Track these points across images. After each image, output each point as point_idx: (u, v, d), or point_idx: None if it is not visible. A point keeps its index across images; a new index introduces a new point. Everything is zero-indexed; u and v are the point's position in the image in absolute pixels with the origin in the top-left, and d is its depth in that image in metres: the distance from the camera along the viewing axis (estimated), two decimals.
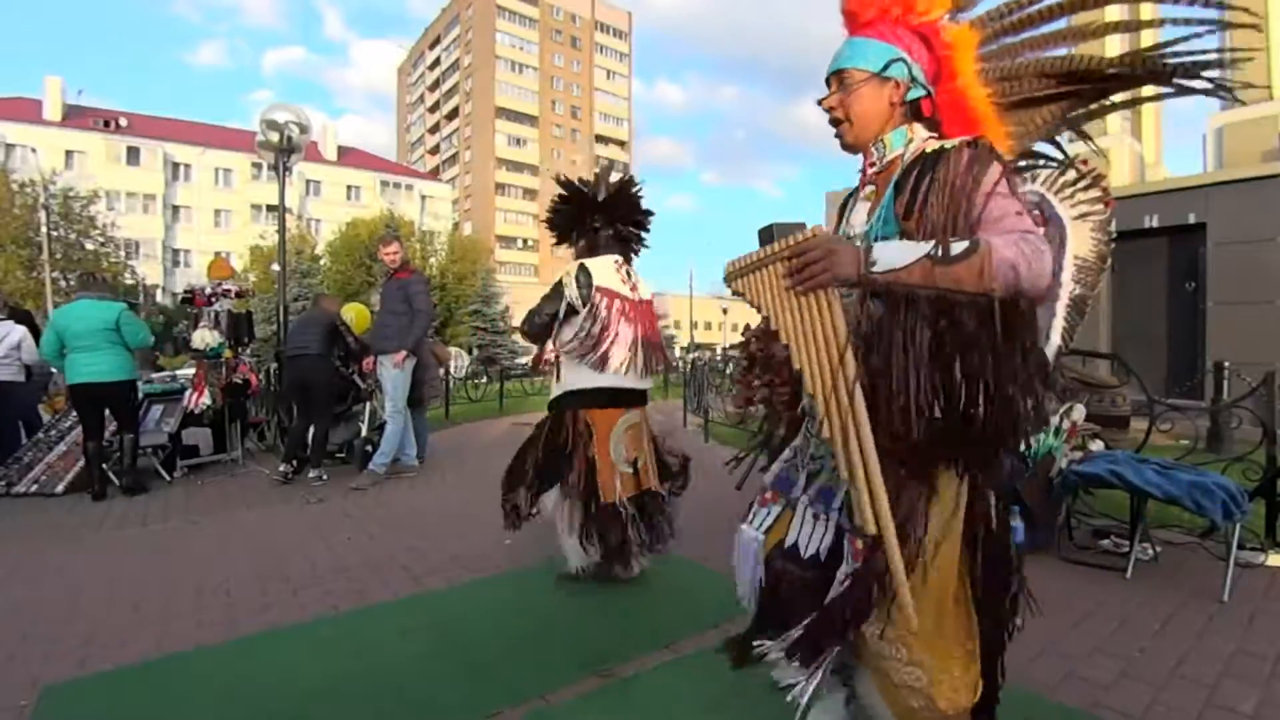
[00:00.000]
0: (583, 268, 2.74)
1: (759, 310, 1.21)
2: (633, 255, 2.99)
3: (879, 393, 1.13)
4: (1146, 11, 1.35)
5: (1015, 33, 1.32)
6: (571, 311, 2.72)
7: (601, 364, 2.68)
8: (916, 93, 1.28)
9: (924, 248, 1.07)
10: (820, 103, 1.33)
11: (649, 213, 3.01)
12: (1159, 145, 10.41)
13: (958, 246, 1.05)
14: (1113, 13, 1.31)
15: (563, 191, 2.93)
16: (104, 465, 4.73)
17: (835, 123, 1.33)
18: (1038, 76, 1.30)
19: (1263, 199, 6.69)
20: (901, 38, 1.27)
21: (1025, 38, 1.32)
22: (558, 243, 3.02)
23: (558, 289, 2.75)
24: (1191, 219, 7.16)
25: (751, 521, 1.43)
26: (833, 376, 1.10)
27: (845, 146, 1.35)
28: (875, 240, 1.21)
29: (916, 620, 1.12)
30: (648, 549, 2.82)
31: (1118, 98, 1.36)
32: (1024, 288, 1.05)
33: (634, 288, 2.87)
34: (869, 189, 1.34)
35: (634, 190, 2.95)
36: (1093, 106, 1.35)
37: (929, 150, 1.23)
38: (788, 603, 1.31)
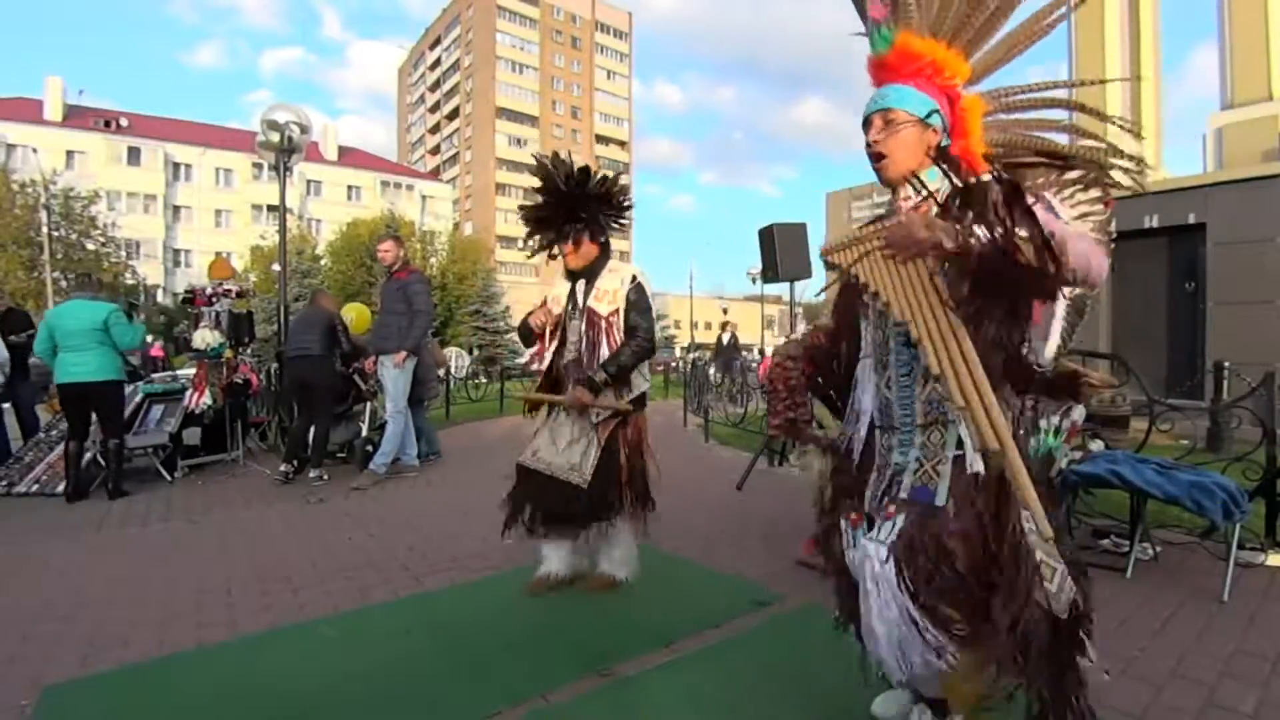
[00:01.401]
0: (643, 275, 2.74)
1: (857, 278, 1.35)
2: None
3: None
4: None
5: (1011, 111, 1.55)
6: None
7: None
8: (945, 141, 1.47)
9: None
10: (868, 140, 1.49)
11: (622, 198, 2.80)
12: (1159, 145, 10.40)
13: (1034, 226, 1.15)
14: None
15: (560, 183, 2.66)
16: (81, 467, 4.68)
17: (877, 157, 1.48)
18: (1023, 149, 1.54)
19: (1262, 199, 6.68)
20: (935, 94, 1.47)
21: (1014, 118, 1.55)
22: (546, 235, 2.76)
23: (644, 298, 2.69)
24: (1191, 219, 7.15)
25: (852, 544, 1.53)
26: (937, 320, 1.23)
27: (884, 181, 1.51)
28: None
29: (1047, 525, 1.20)
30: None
31: (1075, 174, 1.60)
32: (1087, 276, 1.23)
33: None
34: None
35: (613, 184, 2.76)
36: (1062, 177, 1.59)
37: (963, 183, 1.39)
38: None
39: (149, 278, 32.78)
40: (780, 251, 5.77)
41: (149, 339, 8.72)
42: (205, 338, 5.71)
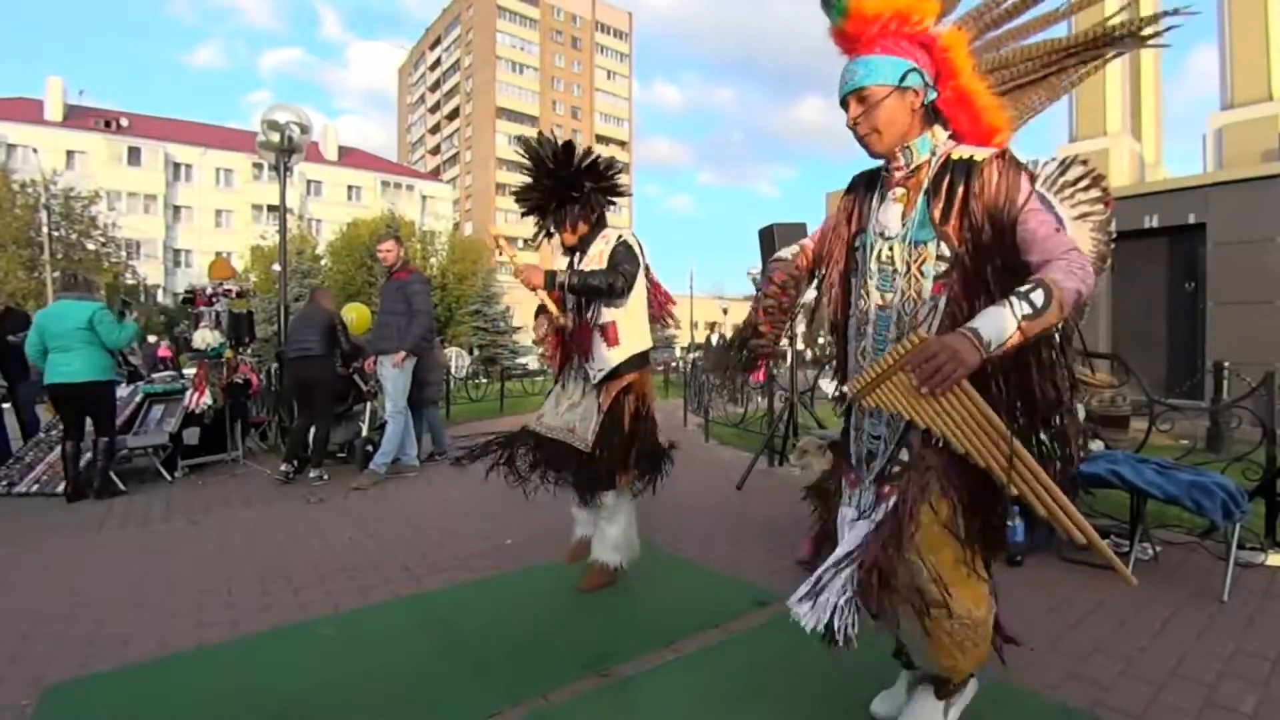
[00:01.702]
0: (632, 236, 2.74)
1: (899, 414, 1.33)
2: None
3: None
4: None
5: (996, 26, 1.45)
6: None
7: (660, 322, 2.93)
8: (930, 95, 1.40)
9: (1012, 311, 1.20)
10: (849, 122, 1.44)
11: (610, 170, 2.79)
12: (1159, 145, 10.40)
13: (1038, 297, 1.19)
14: None
15: (548, 160, 2.68)
16: (79, 467, 4.68)
17: (862, 138, 1.44)
18: (1023, 62, 1.43)
19: (1262, 199, 6.68)
20: (906, 49, 1.39)
21: (1005, 30, 1.45)
22: (541, 214, 2.79)
23: (630, 251, 2.66)
24: (1191, 219, 7.15)
25: (850, 503, 1.57)
26: (999, 447, 1.24)
27: (874, 155, 1.47)
28: (913, 242, 1.40)
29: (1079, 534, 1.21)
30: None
31: (1090, 66, 1.48)
32: (1083, 304, 1.23)
33: None
34: (898, 191, 1.45)
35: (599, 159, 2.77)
36: (1074, 77, 1.47)
37: (956, 157, 1.38)
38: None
39: (149, 278, 32.77)
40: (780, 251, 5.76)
41: (152, 339, 8.70)
42: (205, 338, 5.71)
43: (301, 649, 2.30)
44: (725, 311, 48.47)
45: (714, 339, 14.63)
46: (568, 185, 2.69)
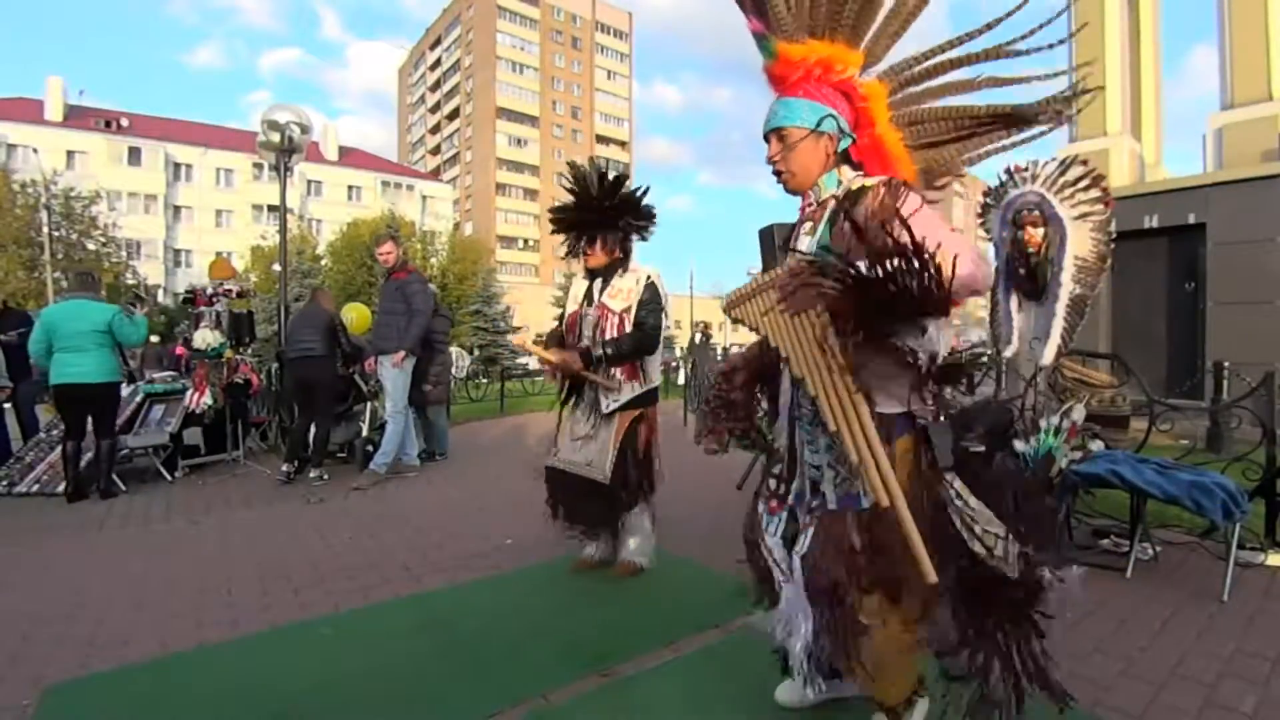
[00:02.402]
0: (659, 277, 2.89)
1: (755, 331, 1.37)
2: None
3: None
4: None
5: (916, 84, 1.53)
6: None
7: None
8: (845, 142, 1.50)
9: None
10: (768, 159, 1.54)
11: (651, 212, 2.97)
12: (1159, 145, 10.39)
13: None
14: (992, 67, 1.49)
15: (593, 188, 2.81)
16: (79, 467, 4.68)
17: (778, 173, 1.53)
18: (936, 121, 1.52)
19: (1262, 199, 6.68)
20: (827, 95, 1.48)
21: (924, 88, 1.53)
22: (574, 232, 2.91)
23: (657, 298, 2.83)
24: (1191, 219, 7.15)
25: (769, 530, 1.63)
26: (829, 376, 1.26)
27: (788, 191, 1.56)
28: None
29: (934, 573, 1.20)
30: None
31: (1001, 142, 1.55)
32: (978, 288, 1.26)
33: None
34: (808, 224, 1.55)
35: (637, 192, 2.93)
36: (985, 148, 1.54)
37: (854, 188, 1.45)
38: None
39: (149, 278, 32.72)
40: (780, 251, 5.77)
41: (154, 339, 8.68)
42: (206, 338, 5.71)
43: (301, 649, 2.31)
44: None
45: (697, 338, 14.42)
46: (607, 213, 2.82)
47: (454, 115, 64.04)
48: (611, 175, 2.85)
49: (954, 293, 1.20)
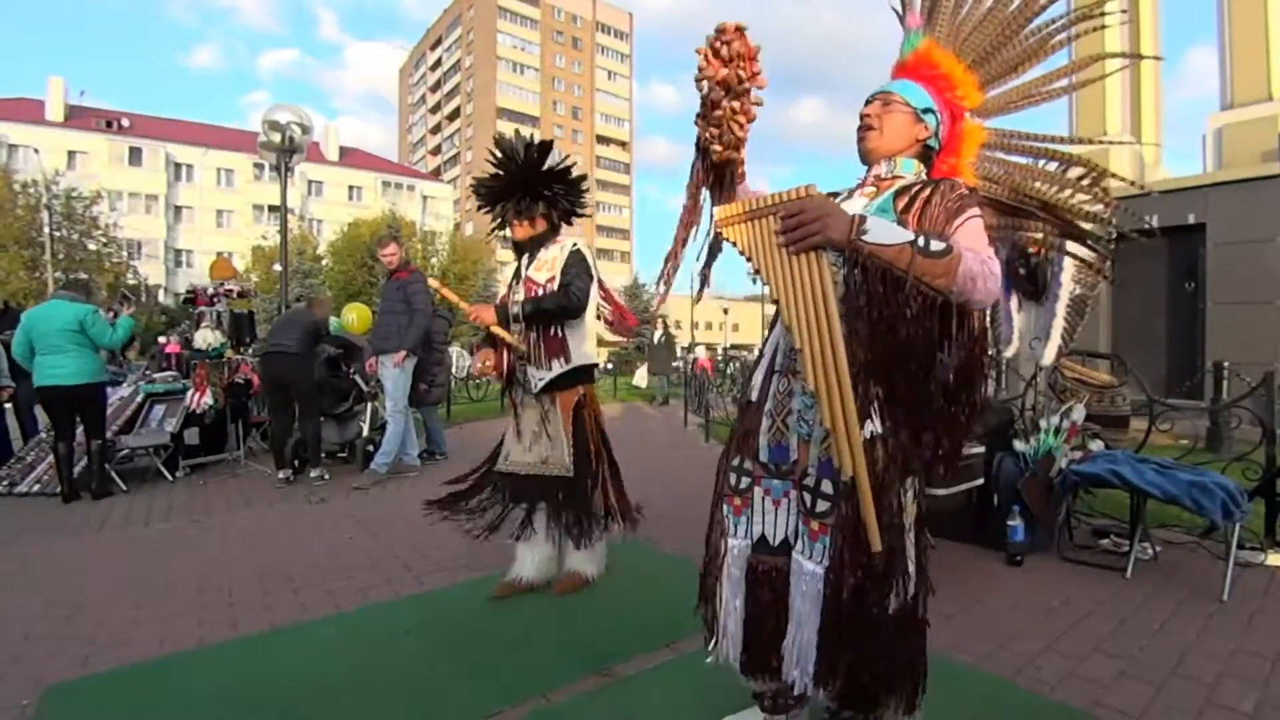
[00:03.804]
0: (586, 247, 2.78)
1: (748, 259, 1.28)
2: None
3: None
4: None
5: (1008, 152, 1.62)
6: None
7: (624, 334, 2.94)
8: (932, 143, 1.53)
9: (909, 235, 1.21)
10: (863, 109, 1.53)
11: (581, 183, 2.80)
12: (1158, 145, 10.39)
13: (937, 244, 1.20)
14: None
15: (507, 158, 2.70)
16: (72, 468, 4.67)
17: (866, 129, 1.51)
18: (1007, 189, 1.62)
19: (1262, 199, 6.69)
20: (938, 101, 1.53)
21: (1012, 161, 1.62)
22: (499, 203, 2.77)
23: (583, 264, 2.68)
24: (1191, 219, 7.15)
25: (734, 533, 1.58)
26: (819, 332, 1.18)
27: (865, 151, 1.51)
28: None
29: (880, 541, 1.20)
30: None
31: (1035, 235, 1.77)
32: (975, 299, 1.22)
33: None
34: (869, 189, 1.50)
35: (565, 162, 2.76)
36: (1018, 233, 1.75)
37: (928, 179, 1.46)
38: (769, 604, 1.49)
39: (150, 278, 32.79)
40: None
41: (161, 339, 8.67)
42: (207, 338, 5.71)
43: (302, 649, 2.30)
44: (726, 311, 48.48)
45: (658, 336, 13.78)
46: (536, 182, 2.69)
47: (454, 115, 64.06)
48: (538, 143, 2.68)
49: (964, 305, 1.23)
